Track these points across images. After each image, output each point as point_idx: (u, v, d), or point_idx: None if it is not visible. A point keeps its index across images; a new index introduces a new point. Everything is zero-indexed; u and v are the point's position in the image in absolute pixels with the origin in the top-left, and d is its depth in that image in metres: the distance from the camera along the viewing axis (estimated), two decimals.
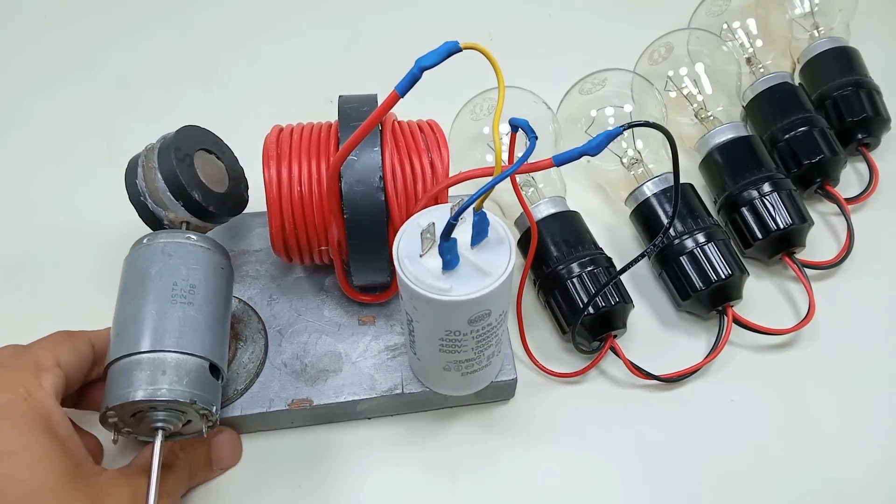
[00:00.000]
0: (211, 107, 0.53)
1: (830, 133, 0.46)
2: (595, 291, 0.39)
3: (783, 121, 0.46)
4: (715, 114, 0.47)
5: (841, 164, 0.46)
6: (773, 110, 0.47)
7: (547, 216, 0.42)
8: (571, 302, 0.40)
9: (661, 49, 0.48)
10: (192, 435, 0.36)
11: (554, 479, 0.38)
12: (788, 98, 0.47)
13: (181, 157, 0.36)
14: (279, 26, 0.59)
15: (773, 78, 0.48)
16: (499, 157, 0.28)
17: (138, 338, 0.33)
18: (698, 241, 0.41)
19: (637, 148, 0.45)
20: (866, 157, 0.48)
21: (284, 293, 0.42)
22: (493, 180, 0.27)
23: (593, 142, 0.27)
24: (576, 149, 0.27)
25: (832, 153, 0.45)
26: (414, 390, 0.38)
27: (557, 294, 0.40)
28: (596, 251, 0.42)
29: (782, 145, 0.46)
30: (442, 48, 0.27)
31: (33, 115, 0.53)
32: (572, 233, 0.42)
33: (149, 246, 0.35)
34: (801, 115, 0.46)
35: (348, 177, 0.35)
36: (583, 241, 0.42)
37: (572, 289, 0.40)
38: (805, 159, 0.45)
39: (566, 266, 0.40)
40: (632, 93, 0.46)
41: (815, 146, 0.45)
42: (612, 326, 0.40)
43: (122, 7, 0.60)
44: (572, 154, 0.27)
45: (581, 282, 0.40)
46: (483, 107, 0.45)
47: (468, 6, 0.59)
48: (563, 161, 0.28)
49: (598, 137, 0.27)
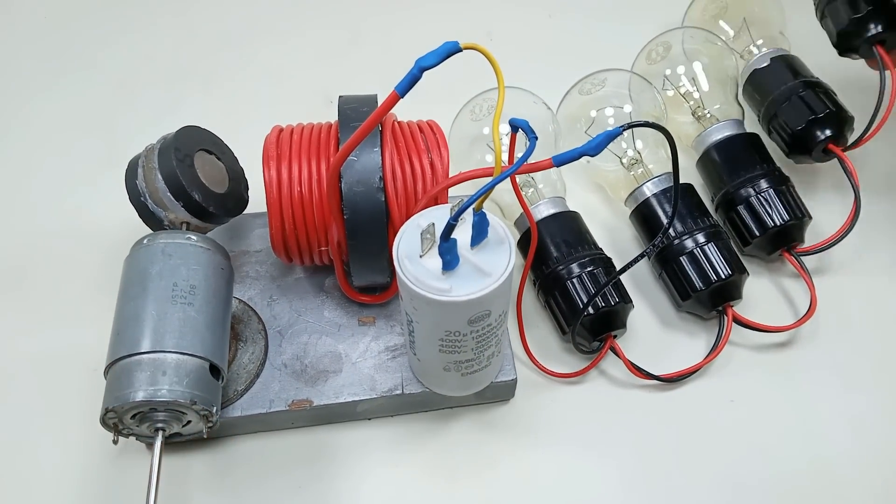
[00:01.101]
0: (211, 107, 0.53)
1: (830, 92, 0.45)
2: (594, 292, 0.39)
3: (777, 90, 0.46)
4: (712, 111, 0.47)
5: (847, 120, 0.44)
6: (769, 86, 0.46)
7: (547, 216, 0.42)
8: (571, 302, 0.40)
9: (659, 48, 0.48)
10: (192, 436, 0.36)
11: (554, 480, 0.38)
12: (782, 71, 0.46)
13: (181, 157, 0.36)
14: (279, 26, 0.59)
15: (765, 57, 0.47)
16: (498, 157, 0.28)
17: (138, 338, 0.33)
18: (698, 241, 0.41)
19: (637, 148, 0.45)
20: (839, 155, 0.44)
21: (284, 294, 0.42)
22: (493, 181, 0.27)
23: (593, 142, 0.27)
24: (575, 149, 0.27)
25: (833, 109, 0.44)
26: (414, 391, 0.38)
27: (557, 294, 0.40)
28: (596, 251, 0.41)
29: (780, 111, 0.45)
30: (442, 48, 0.27)
31: (33, 115, 0.53)
32: (572, 233, 0.42)
33: (149, 246, 0.35)
34: (798, 81, 0.45)
35: (348, 177, 0.35)
36: (583, 241, 0.42)
37: (572, 289, 0.40)
38: (804, 118, 0.44)
39: (566, 266, 0.40)
40: (630, 92, 0.46)
41: (814, 105, 0.44)
42: (611, 326, 0.40)
43: (121, 7, 0.60)
44: (572, 154, 0.27)
45: (581, 282, 0.40)
46: (483, 107, 0.45)
47: (468, 6, 0.59)
48: (562, 161, 0.28)
49: (598, 138, 0.27)
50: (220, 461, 0.38)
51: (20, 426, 0.40)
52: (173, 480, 0.38)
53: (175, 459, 0.38)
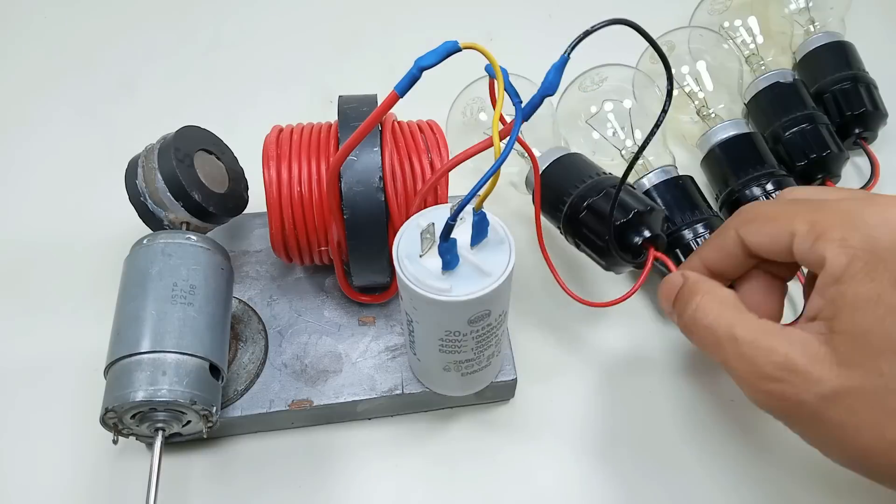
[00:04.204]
0: (211, 107, 0.53)
1: (831, 129, 0.46)
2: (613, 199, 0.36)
3: (784, 118, 0.46)
4: (716, 111, 0.47)
5: (843, 160, 0.46)
6: (774, 107, 0.47)
7: (551, 163, 0.42)
8: (598, 220, 0.38)
9: (663, 48, 0.48)
10: (192, 436, 0.36)
11: (554, 480, 0.38)
12: (789, 95, 0.47)
13: (181, 157, 0.36)
14: (279, 26, 0.59)
15: (774, 75, 0.48)
16: (497, 153, 0.28)
17: (138, 338, 0.33)
18: (697, 231, 0.42)
19: (635, 140, 0.45)
20: (866, 150, 0.48)
21: (284, 294, 0.42)
22: (492, 169, 0.27)
23: (546, 79, 0.28)
24: (535, 95, 0.28)
25: (834, 150, 0.45)
26: (414, 391, 0.38)
27: (585, 222, 0.39)
28: (603, 175, 0.41)
29: (785, 141, 0.46)
30: (441, 48, 0.27)
31: (33, 114, 0.53)
32: (577, 169, 0.41)
33: (149, 246, 0.35)
34: (803, 112, 0.46)
35: (348, 177, 0.35)
36: (590, 171, 0.41)
37: (593, 211, 0.39)
38: (807, 156, 0.45)
39: (579, 197, 0.39)
40: (633, 88, 0.46)
41: (817, 142, 0.45)
42: (647, 236, 0.38)
43: (121, 7, 0.60)
44: (533, 101, 0.28)
45: (598, 204, 0.39)
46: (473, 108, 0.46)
47: (468, 6, 0.59)
48: (528, 113, 0.28)
49: (549, 72, 0.27)
50: (220, 461, 0.38)
51: (20, 426, 0.40)
52: (173, 480, 0.38)
53: (175, 459, 0.38)
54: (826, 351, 0.28)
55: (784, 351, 0.28)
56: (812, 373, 0.28)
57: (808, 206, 0.30)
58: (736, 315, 0.31)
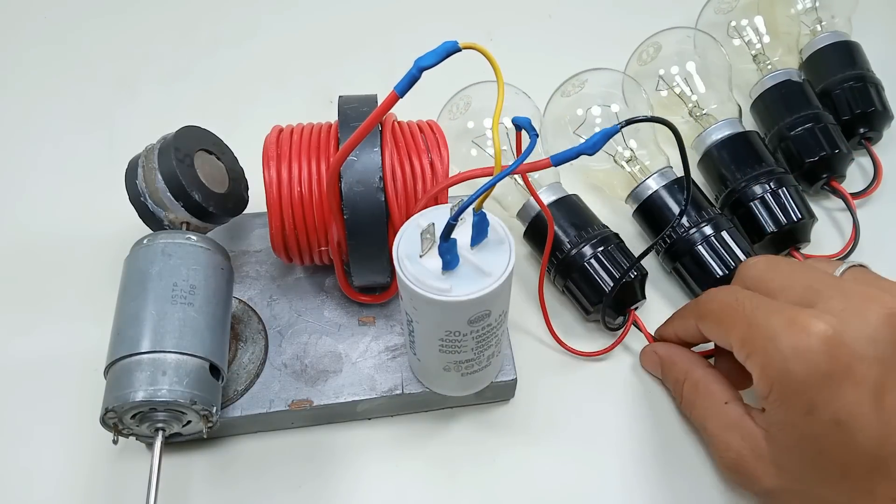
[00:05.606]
0: (211, 107, 0.53)
1: (837, 129, 0.46)
2: (626, 268, 0.40)
3: (790, 117, 0.46)
4: (710, 111, 0.46)
5: (848, 160, 0.46)
6: (780, 106, 0.47)
7: (550, 203, 0.42)
8: (592, 282, 0.41)
9: (650, 49, 0.48)
10: (192, 436, 0.36)
11: (555, 480, 0.38)
12: (796, 94, 0.47)
13: (181, 157, 0.36)
14: (279, 26, 0.59)
15: (780, 75, 0.48)
16: (498, 155, 0.28)
17: (138, 338, 0.33)
18: (705, 233, 0.42)
19: (630, 146, 0.45)
20: (870, 151, 0.48)
21: (284, 294, 0.42)
22: (493, 179, 0.27)
23: (590, 140, 0.27)
24: (573, 148, 0.27)
25: (839, 150, 0.45)
26: (414, 391, 0.38)
27: (577, 277, 0.41)
28: (603, 229, 0.42)
29: (789, 142, 0.46)
30: (441, 48, 0.27)
31: (33, 114, 0.53)
32: (577, 216, 0.42)
33: (149, 246, 0.35)
34: (808, 112, 0.46)
35: (348, 177, 0.35)
36: (590, 222, 0.42)
37: (590, 269, 0.41)
38: (812, 156, 0.45)
39: (578, 249, 0.41)
40: (623, 93, 0.46)
41: (822, 142, 0.45)
42: (633, 300, 0.41)
43: (121, 7, 0.60)
44: (570, 154, 0.27)
45: (598, 261, 0.41)
46: (459, 105, 0.46)
47: (468, 6, 0.59)
48: (560, 161, 0.28)
49: (595, 136, 0.27)
50: (220, 461, 0.38)
51: (20, 426, 0.40)
52: (173, 480, 0.38)
53: (175, 459, 0.38)
54: (768, 451, 0.32)
55: (737, 448, 0.34)
56: (756, 471, 0.33)
57: (743, 320, 0.33)
58: (708, 405, 0.36)
